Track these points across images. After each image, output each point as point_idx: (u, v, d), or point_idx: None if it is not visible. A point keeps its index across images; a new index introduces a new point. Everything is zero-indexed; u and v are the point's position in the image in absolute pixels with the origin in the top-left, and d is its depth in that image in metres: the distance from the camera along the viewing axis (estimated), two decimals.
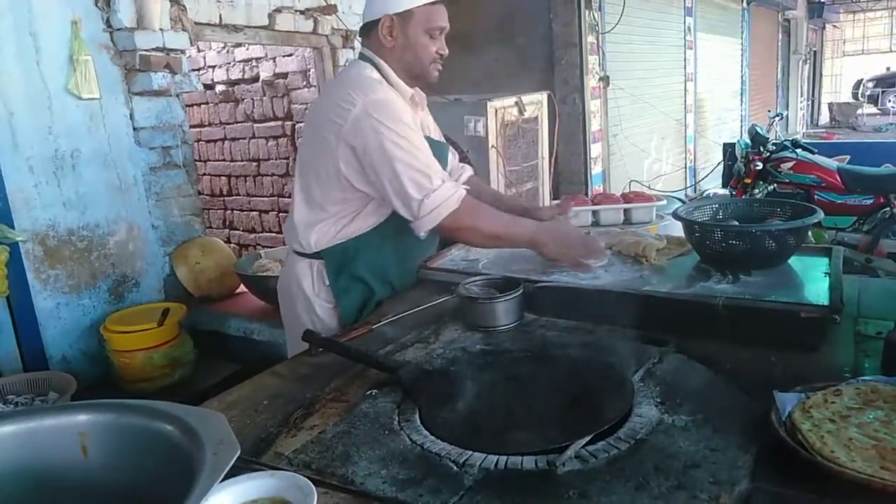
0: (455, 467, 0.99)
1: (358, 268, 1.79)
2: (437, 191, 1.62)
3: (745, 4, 10.36)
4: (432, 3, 1.70)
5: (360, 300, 1.81)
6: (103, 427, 0.81)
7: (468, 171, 2.12)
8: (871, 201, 4.45)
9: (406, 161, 1.62)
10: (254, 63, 4.44)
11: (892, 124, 16.03)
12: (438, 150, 1.87)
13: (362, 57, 1.78)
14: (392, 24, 1.69)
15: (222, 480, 0.69)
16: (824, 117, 18.56)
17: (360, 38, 1.85)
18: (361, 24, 1.79)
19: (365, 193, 1.72)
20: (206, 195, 4.95)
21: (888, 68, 20.47)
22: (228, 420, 1.16)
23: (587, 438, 1.01)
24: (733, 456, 0.97)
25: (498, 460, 0.99)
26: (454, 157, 2.08)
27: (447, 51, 1.76)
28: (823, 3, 16.09)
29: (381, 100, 1.64)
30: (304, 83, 4.09)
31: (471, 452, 1.01)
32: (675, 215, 1.83)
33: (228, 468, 0.69)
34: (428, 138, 1.83)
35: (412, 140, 1.65)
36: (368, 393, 1.25)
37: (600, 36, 5.55)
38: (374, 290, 1.81)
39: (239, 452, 0.71)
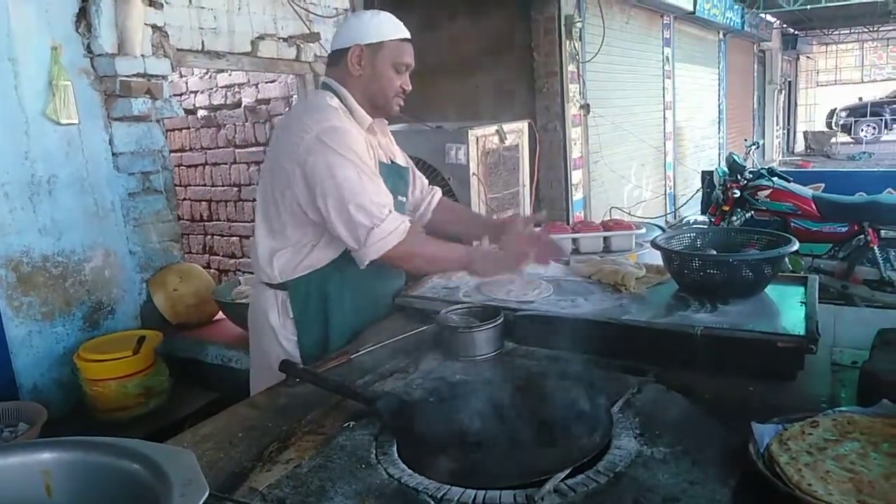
0: (433, 502, 0.97)
1: (322, 300, 1.76)
2: (386, 221, 1.62)
3: (721, 36, 10.62)
4: (402, 40, 1.75)
5: (323, 334, 1.77)
6: (68, 466, 0.78)
7: (438, 192, 2.13)
8: (846, 229, 4.53)
9: (356, 189, 1.61)
10: (236, 89, 4.45)
11: (865, 153, 16.39)
12: (400, 175, 1.90)
13: (324, 86, 1.81)
14: (362, 53, 1.73)
15: None
16: (799, 146, 18.95)
17: (325, 66, 1.87)
18: (330, 51, 1.83)
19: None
20: (187, 220, 4.91)
21: (860, 98, 21.01)
22: (202, 454, 1.15)
23: (566, 472, 1.00)
24: (712, 489, 0.96)
25: (476, 495, 0.98)
26: (422, 179, 2.10)
27: (410, 87, 1.80)
28: (797, 35, 16.55)
29: (335, 127, 1.65)
30: (287, 109, 4.10)
31: (449, 487, 1.00)
32: (654, 244, 1.84)
33: None
34: (391, 164, 1.85)
35: (363, 169, 1.64)
36: (346, 425, 1.24)
37: (581, 65, 5.63)
38: (337, 323, 1.77)
39: (207, 493, 0.69)
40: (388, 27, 1.75)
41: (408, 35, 1.78)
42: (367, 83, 1.75)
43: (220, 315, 3.00)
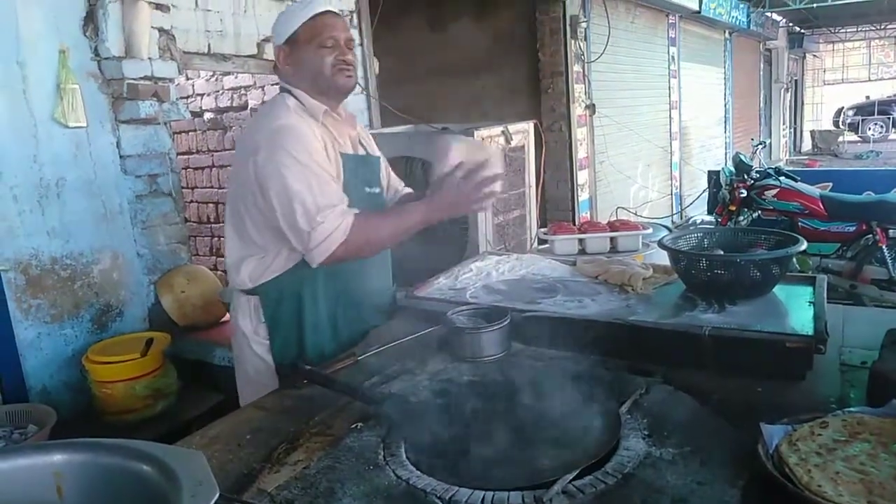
0: None
1: (296, 303, 1.73)
2: (325, 223, 1.59)
3: (727, 35, 10.59)
4: (314, 17, 1.71)
5: (297, 337, 1.74)
6: (79, 467, 0.79)
7: (407, 190, 2.05)
8: (854, 228, 4.51)
9: (300, 190, 1.59)
10: (242, 91, 4.46)
11: (872, 152, 16.31)
12: (368, 165, 1.87)
13: (281, 90, 1.80)
14: (281, 53, 1.75)
15: None
16: (806, 145, 18.86)
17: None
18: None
19: None
20: (194, 222, 4.93)
21: (867, 97, 20.90)
22: (210, 455, 1.15)
23: (574, 473, 1.00)
24: (721, 490, 0.96)
25: (484, 496, 0.98)
26: (396, 181, 2.03)
27: (350, 57, 1.75)
28: (803, 33, 16.48)
29: (282, 125, 1.64)
30: None
31: (457, 488, 1.00)
32: (661, 244, 1.84)
33: None
34: (357, 155, 1.82)
35: (311, 167, 1.62)
36: (354, 426, 1.24)
37: (586, 65, 5.63)
38: (312, 327, 1.74)
39: (218, 494, 0.70)
40: (296, 15, 1.73)
41: (320, 9, 1.73)
42: (302, 75, 1.74)
43: (228, 317, 3.01)
